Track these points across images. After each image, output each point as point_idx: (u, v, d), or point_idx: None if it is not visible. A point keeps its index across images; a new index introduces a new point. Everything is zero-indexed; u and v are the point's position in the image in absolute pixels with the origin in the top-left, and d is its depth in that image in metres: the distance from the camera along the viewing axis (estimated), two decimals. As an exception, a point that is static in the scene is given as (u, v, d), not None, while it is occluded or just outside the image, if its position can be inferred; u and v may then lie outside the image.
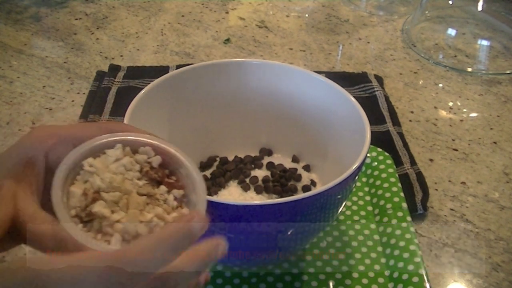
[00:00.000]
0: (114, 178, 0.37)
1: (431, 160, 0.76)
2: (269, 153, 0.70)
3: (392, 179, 0.68)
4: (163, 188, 0.38)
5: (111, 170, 0.37)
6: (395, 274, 0.58)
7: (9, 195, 0.36)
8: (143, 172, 0.39)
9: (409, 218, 0.63)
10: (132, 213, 0.36)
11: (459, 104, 0.87)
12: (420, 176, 0.71)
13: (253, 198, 0.63)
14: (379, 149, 0.72)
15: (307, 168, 0.67)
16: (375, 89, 0.86)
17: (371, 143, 0.56)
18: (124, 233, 0.35)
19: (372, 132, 0.56)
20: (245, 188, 0.63)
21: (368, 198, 0.68)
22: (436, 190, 0.71)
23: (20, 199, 0.36)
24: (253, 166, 0.68)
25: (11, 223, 0.35)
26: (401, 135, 0.78)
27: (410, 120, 0.83)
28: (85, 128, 0.40)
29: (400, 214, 0.63)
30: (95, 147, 0.38)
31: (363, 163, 0.53)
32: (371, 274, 0.59)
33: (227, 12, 1.09)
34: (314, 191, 0.49)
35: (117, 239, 0.35)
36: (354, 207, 0.66)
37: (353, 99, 0.60)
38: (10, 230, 0.36)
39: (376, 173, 0.69)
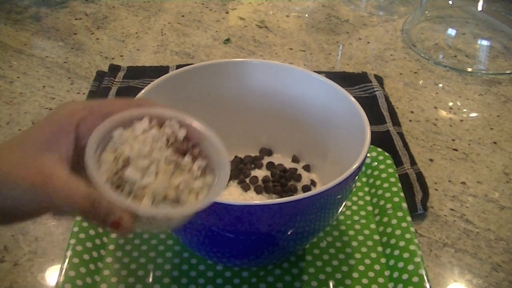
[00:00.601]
0: (143, 147, 0.39)
1: (431, 160, 0.76)
2: (269, 153, 0.70)
3: (392, 179, 0.68)
4: (187, 158, 0.41)
5: (140, 140, 0.40)
6: (395, 274, 0.58)
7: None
8: (169, 143, 0.41)
9: (409, 218, 0.63)
10: (161, 178, 0.39)
11: (459, 104, 0.87)
12: (420, 176, 0.71)
13: (253, 198, 0.63)
14: (379, 149, 0.72)
15: (307, 168, 0.67)
16: (375, 89, 0.86)
17: (371, 143, 0.56)
18: (153, 196, 0.38)
19: (372, 132, 0.56)
20: (245, 188, 0.64)
21: (368, 198, 0.68)
22: (436, 190, 0.71)
23: (53, 165, 0.39)
24: (253, 166, 0.68)
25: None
26: (401, 135, 0.78)
27: (410, 120, 0.83)
28: (114, 103, 0.42)
29: (400, 214, 0.63)
30: (124, 119, 0.41)
31: (363, 163, 0.53)
32: (371, 274, 0.59)
33: (227, 12, 1.09)
34: (314, 191, 0.50)
35: (148, 201, 0.38)
36: (354, 207, 0.66)
37: (353, 99, 0.60)
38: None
39: (376, 173, 0.69)
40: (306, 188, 0.64)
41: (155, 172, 0.39)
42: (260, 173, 0.66)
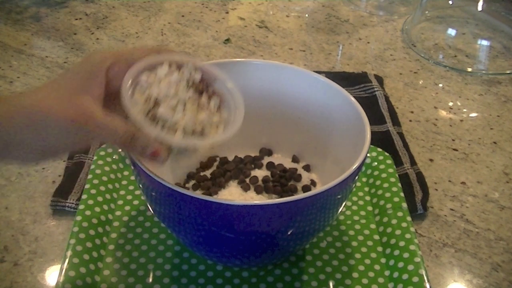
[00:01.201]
0: (169, 89, 0.46)
1: (431, 160, 0.76)
2: (269, 153, 0.70)
3: (392, 179, 0.68)
4: (205, 97, 0.48)
5: (165, 83, 0.46)
6: (395, 274, 0.58)
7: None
8: (189, 84, 0.48)
9: (409, 218, 0.63)
10: (189, 115, 0.46)
11: (459, 104, 0.87)
12: (420, 176, 0.71)
13: (253, 198, 0.63)
14: (379, 149, 0.72)
15: (307, 168, 0.67)
16: (375, 89, 0.86)
17: (371, 143, 0.56)
18: (183, 131, 0.45)
19: (372, 132, 0.56)
20: (245, 188, 0.63)
21: (368, 198, 0.68)
22: (436, 190, 0.71)
23: (92, 105, 0.44)
24: (253, 166, 0.68)
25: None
26: (401, 135, 0.78)
27: (410, 120, 0.83)
28: (137, 51, 0.48)
29: (400, 214, 0.63)
30: (147, 65, 0.47)
31: (363, 163, 0.53)
32: (371, 274, 0.59)
33: (227, 12, 1.09)
34: (314, 191, 0.50)
35: (180, 134, 0.45)
36: (354, 207, 0.66)
37: (353, 99, 0.60)
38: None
39: (376, 173, 0.69)
40: (306, 188, 0.64)
41: (183, 109, 0.46)
42: (260, 173, 0.66)
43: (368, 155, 0.69)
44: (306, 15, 1.10)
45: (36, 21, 1.03)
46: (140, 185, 0.55)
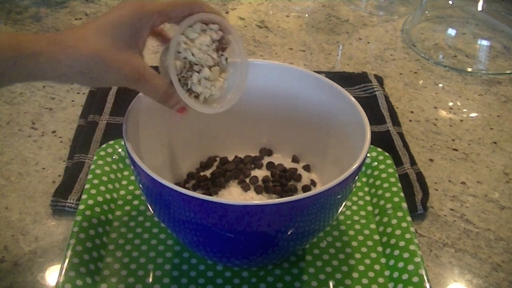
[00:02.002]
0: (201, 55, 0.53)
1: (431, 160, 0.76)
2: (269, 153, 0.70)
3: (392, 179, 0.68)
4: (222, 56, 0.55)
5: (197, 45, 0.53)
6: (395, 274, 0.58)
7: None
8: (214, 46, 0.55)
9: (409, 218, 0.63)
10: (212, 81, 0.55)
11: (459, 104, 0.87)
12: (420, 176, 0.71)
13: (253, 198, 0.63)
14: (379, 149, 0.72)
15: (307, 168, 0.67)
16: (375, 89, 0.86)
17: (371, 143, 0.56)
18: (206, 98, 0.56)
19: (372, 132, 0.56)
20: (245, 188, 0.63)
21: (368, 198, 0.68)
22: (436, 190, 0.71)
23: (143, 63, 0.50)
24: (253, 166, 0.68)
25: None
26: (401, 135, 0.78)
27: (410, 120, 0.83)
28: (174, 6, 0.52)
29: (400, 214, 0.63)
30: (184, 27, 0.52)
31: (363, 163, 0.53)
32: (371, 274, 0.59)
33: (227, 12, 1.09)
34: (314, 191, 0.50)
35: (202, 99, 0.55)
36: (354, 207, 0.66)
37: (353, 99, 0.60)
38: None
39: (376, 173, 0.69)
40: (306, 188, 0.64)
41: (209, 75, 0.54)
42: (260, 173, 0.66)
43: (368, 155, 0.69)
44: (306, 15, 1.10)
45: (36, 21, 1.03)
46: (140, 185, 0.55)
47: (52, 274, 0.59)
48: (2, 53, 0.46)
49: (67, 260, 0.56)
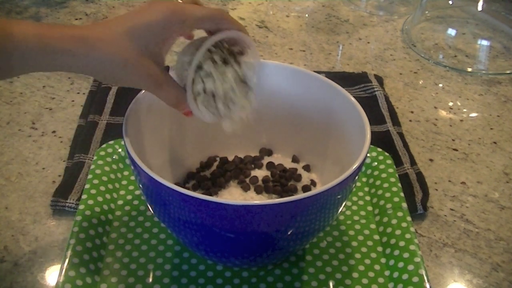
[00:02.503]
0: (222, 78, 0.54)
1: (431, 160, 0.76)
2: (269, 153, 0.70)
3: (392, 179, 0.68)
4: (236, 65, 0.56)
5: (220, 71, 0.54)
6: (395, 274, 0.58)
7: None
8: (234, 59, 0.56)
9: (409, 218, 0.63)
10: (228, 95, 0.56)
11: (459, 104, 0.87)
12: (420, 176, 0.71)
13: (253, 198, 0.63)
14: (379, 149, 0.72)
15: (307, 168, 0.67)
16: (375, 89, 0.86)
17: (371, 143, 0.56)
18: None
19: (372, 132, 0.56)
20: (245, 188, 0.64)
21: (368, 198, 0.68)
22: (436, 190, 0.71)
23: (164, 74, 0.52)
24: (253, 166, 0.68)
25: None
26: (401, 135, 0.78)
27: (410, 120, 0.83)
28: (203, 20, 0.52)
29: (400, 214, 0.63)
30: (208, 45, 0.53)
31: (363, 163, 0.53)
32: (371, 274, 0.59)
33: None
34: (314, 191, 0.50)
35: (211, 117, 0.56)
36: (354, 207, 0.66)
37: (353, 99, 0.60)
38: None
39: (376, 173, 0.69)
40: (306, 188, 0.64)
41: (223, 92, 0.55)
42: (260, 173, 0.66)
43: (368, 155, 0.69)
44: (306, 15, 1.10)
45: (36, 21, 1.03)
46: (140, 185, 0.55)
47: (52, 274, 0.59)
48: (28, 45, 0.46)
49: (67, 260, 0.56)
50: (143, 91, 0.59)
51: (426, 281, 0.56)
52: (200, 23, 0.52)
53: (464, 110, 0.86)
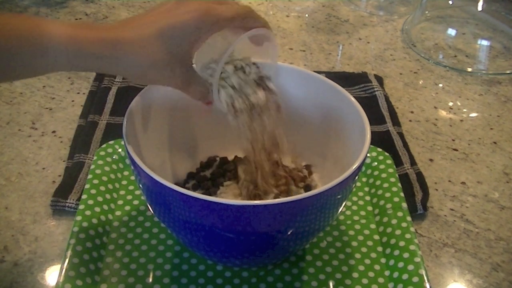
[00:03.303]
0: (245, 89, 0.56)
1: (431, 160, 0.76)
2: (269, 153, 0.70)
3: (392, 179, 0.68)
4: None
5: (240, 76, 0.56)
6: (395, 274, 0.58)
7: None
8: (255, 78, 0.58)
9: (409, 218, 0.63)
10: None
11: (459, 104, 0.87)
12: (420, 176, 0.71)
13: (253, 198, 0.63)
14: (379, 149, 0.72)
15: (307, 168, 0.67)
16: (375, 89, 0.86)
17: (371, 143, 0.56)
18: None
19: (372, 132, 0.56)
20: (245, 188, 0.63)
21: (368, 198, 0.68)
22: (436, 190, 0.71)
23: (192, 76, 0.53)
24: (253, 166, 0.68)
25: None
26: (401, 135, 0.78)
27: (410, 120, 0.83)
28: (231, 21, 0.53)
29: (400, 214, 0.63)
30: (233, 46, 0.54)
31: (363, 163, 0.53)
32: (371, 274, 0.59)
33: (227, 12, 1.09)
34: (314, 191, 0.49)
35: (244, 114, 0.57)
36: (354, 207, 0.66)
37: (353, 99, 0.60)
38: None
39: (376, 173, 0.69)
40: (306, 188, 0.64)
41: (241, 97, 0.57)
42: (260, 173, 0.66)
43: (368, 155, 0.69)
44: (306, 15, 1.10)
45: (36, 21, 1.03)
46: (140, 185, 0.55)
47: (52, 274, 0.59)
48: (61, 47, 0.46)
49: (67, 260, 0.56)
50: (143, 90, 0.59)
51: (426, 281, 0.56)
52: (230, 23, 0.52)
53: (464, 110, 0.86)
